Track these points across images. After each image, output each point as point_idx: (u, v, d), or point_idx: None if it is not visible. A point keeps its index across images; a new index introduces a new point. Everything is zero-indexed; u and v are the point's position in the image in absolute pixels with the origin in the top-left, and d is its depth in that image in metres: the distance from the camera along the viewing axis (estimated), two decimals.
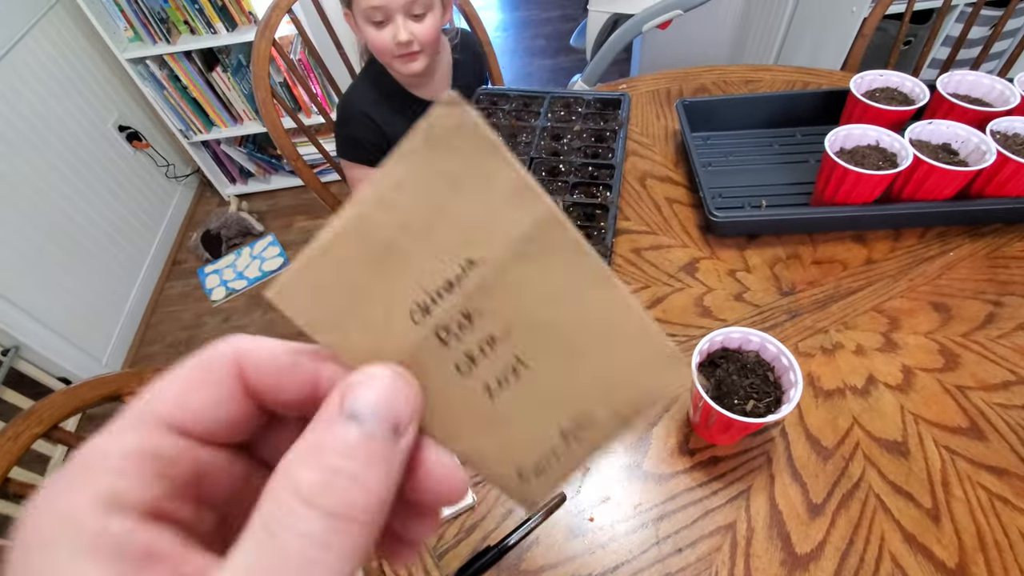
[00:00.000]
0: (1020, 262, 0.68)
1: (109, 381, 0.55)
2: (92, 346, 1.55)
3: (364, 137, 0.95)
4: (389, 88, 0.96)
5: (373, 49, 0.89)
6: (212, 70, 1.70)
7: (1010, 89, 0.73)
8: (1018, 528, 0.49)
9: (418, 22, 0.85)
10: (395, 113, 0.96)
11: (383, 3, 0.81)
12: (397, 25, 0.83)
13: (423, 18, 0.85)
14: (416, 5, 0.83)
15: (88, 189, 1.61)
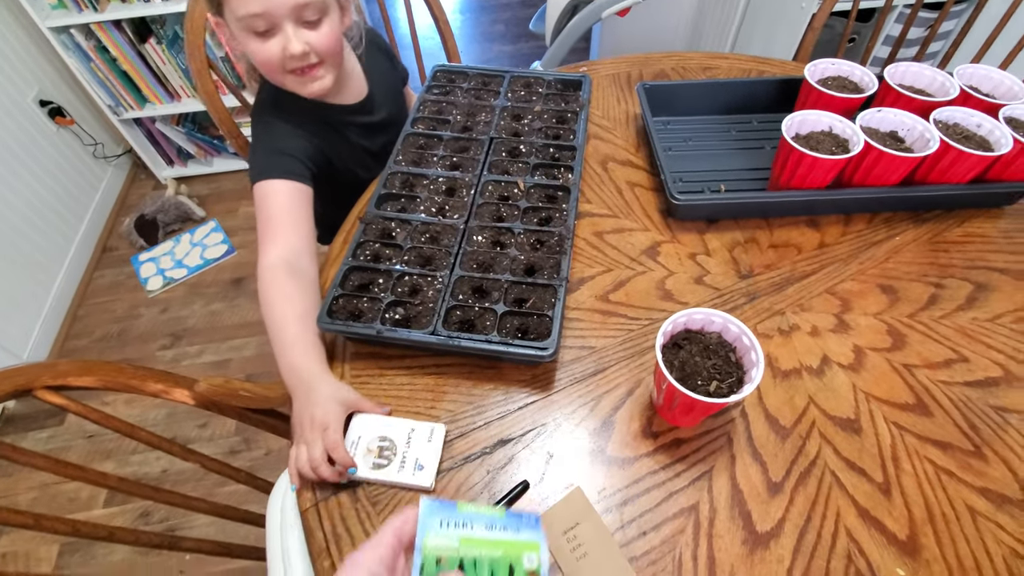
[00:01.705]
0: (959, 246, 0.71)
1: (18, 373, 0.49)
2: (10, 340, 1.42)
3: (293, 154, 0.73)
4: (298, 101, 0.75)
5: (261, 67, 0.70)
6: (145, 42, 1.57)
7: (950, 81, 0.76)
8: (963, 499, 0.51)
9: (313, 29, 0.67)
10: (321, 126, 0.79)
11: (264, 8, 0.62)
12: (287, 35, 0.65)
13: (318, 24, 0.67)
14: (308, 10, 0.65)
15: (4, 168, 1.46)
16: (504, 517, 0.35)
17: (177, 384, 0.62)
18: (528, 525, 0.36)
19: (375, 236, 0.66)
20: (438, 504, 0.35)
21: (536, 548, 0.34)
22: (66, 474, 0.52)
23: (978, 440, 0.55)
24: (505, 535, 0.34)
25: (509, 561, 0.34)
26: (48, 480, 1.32)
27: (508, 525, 0.35)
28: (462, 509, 0.35)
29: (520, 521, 0.36)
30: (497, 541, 0.34)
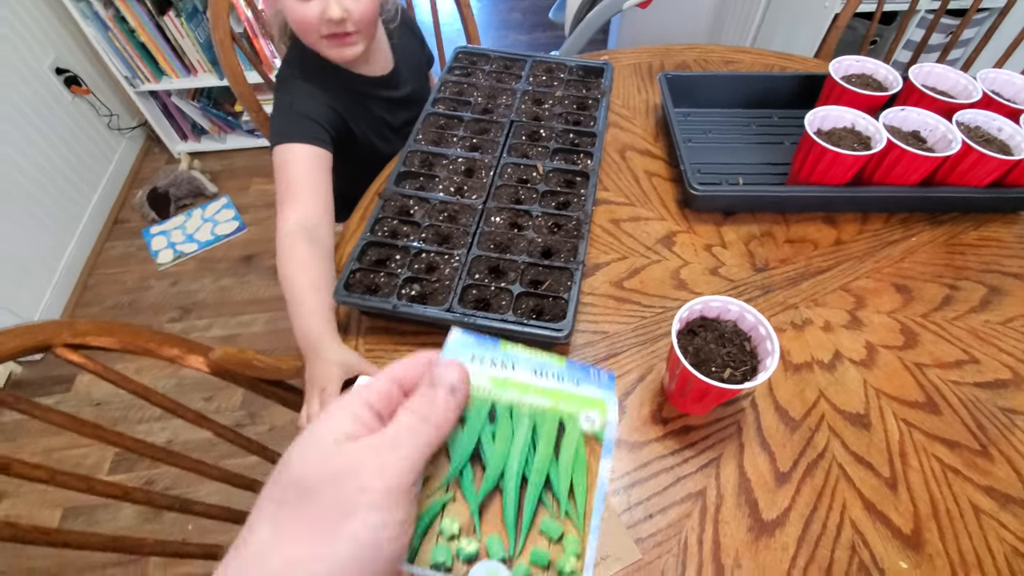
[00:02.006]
0: (975, 249, 0.71)
1: (38, 329, 0.50)
2: (21, 306, 1.43)
3: (313, 116, 0.74)
4: (326, 65, 0.77)
5: (296, 26, 0.72)
6: (164, 14, 1.57)
7: (973, 84, 0.76)
8: (967, 497, 0.51)
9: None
10: (345, 94, 0.80)
11: None
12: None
13: None
14: None
15: (19, 134, 1.47)
16: (564, 366, 0.27)
17: (192, 350, 0.62)
18: (596, 381, 0.27)
19: (393, 213, 0.66)
20: (474, 337, 0.26)
21: (601, 407, 0.26)
22: (82, 432, 0.53)
23: (985, 440, 0.55)
24: (560, 385, 0.26)
25: (559, 417, 0.25)
26: (53, 446, 1.34)
27: (567, 376, 0.26)
28: (506, 348, 0.27)
29: (585, 374, 0.27)
30: (547, 390, 0.25)
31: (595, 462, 0.25)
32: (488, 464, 0.25)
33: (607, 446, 0.25)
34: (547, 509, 0.25)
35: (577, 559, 0.24)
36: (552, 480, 0.25)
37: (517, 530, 0.24)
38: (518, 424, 0.25)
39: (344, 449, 0.22)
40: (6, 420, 1.37)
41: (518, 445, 0.25)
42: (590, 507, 0.25)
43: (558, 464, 0.25)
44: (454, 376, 0.24)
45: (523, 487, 0.25)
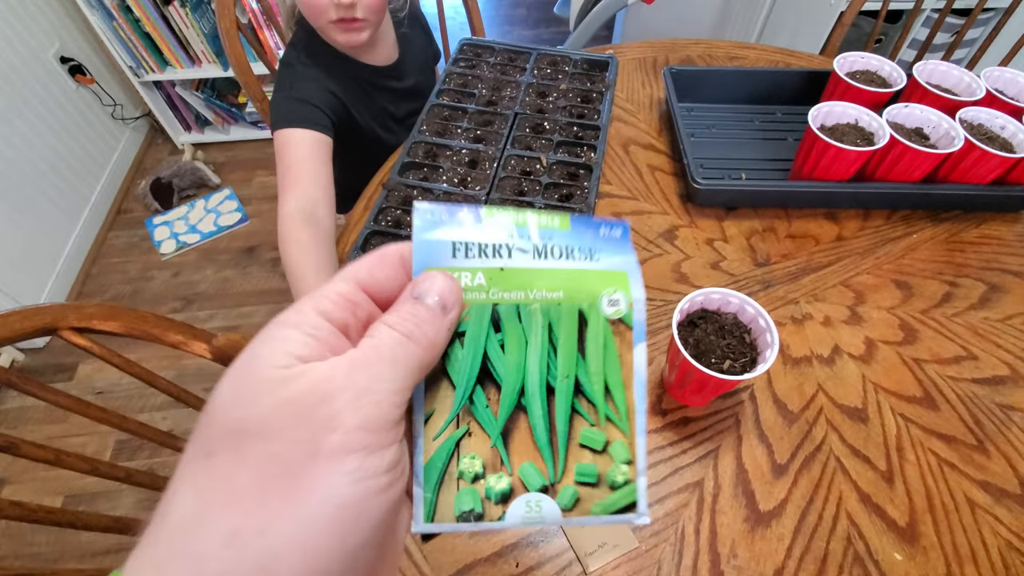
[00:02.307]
0: (975, 247, 0.71)
1: (43, 312, 0.50)
2: (23, 294, 1.43)
3: (314, 102, 0.75)
4: (331, 52, 0.79)
5: (305, 9, 0.72)
6: (169, 3, 1.57)
7: (977, 82, 0.76)
8: (963, 491, 0.52)
9: None
10: (348, 81, 0.81)
11: None
12: None
13: None
14: None
15: (22, 122, 1.47)
16: (568, 231, 0.21)
17: (196, 337, 0.63)
18: (610, 243, 0.22)
19: (397, 203, 0.66)
20: (446, 210, 0.21)
21: (623, 281, 0.21)
22: (89, 414, 0.54)
23: (981, 435, 0.55)
24: (570, 263, 0.21)
25: (576, 306, 0.21)
26: (54, 434, 1.35)
27: (576, 247, 0.21)
28: (491, 214, 0.21)
29: (595, 235, 0.22)
30: (556, 272, 0.21)
31: (627, 351, 0.21)
32: (503, 380, 0.21)
33: (638, 330, 0.21)
34: (584, 418, 0.21)
35: (628, 466, 0.21)
36: (583, 383, 0.21)
37: (553, 450, 0.21)
38: (530, 326, 0.21)
39: (298, 374, 0.16)
40: (9, 407, 1.38)
41: (535, 351, 0.21)
42: (631, 405, 0.21)
43: (586, 363, 0.21)
44: (442, 288, 0.19)
45: (550, 399, 0.21)
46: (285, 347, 0.17)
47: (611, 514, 0.21)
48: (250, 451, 0.15)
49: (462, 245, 0.20)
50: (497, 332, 0.21)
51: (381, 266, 0.20)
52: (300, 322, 0.17)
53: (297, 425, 0.15)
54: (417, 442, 0.20)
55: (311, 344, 0.17)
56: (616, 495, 0.21)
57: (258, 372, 0.16)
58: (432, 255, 0.20)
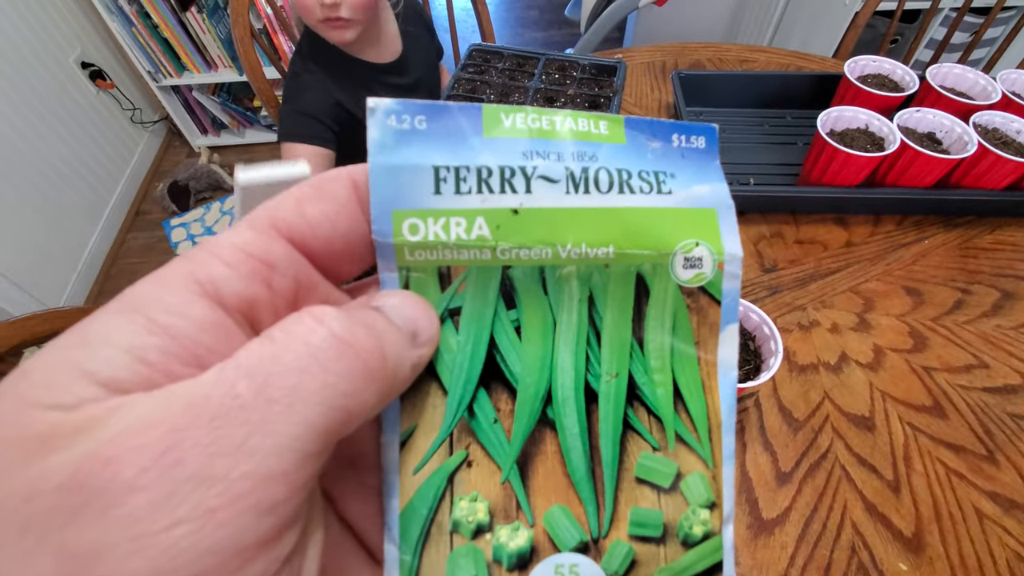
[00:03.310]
0: (989, 253, 0.70)
1: (64, 315, 0.52)
2: (45, 294, 1.47)
3: (320, 119, 0.81)
4: (334, 52, 0.84)
5: (298, 10, 0.78)
6: (187, 10, 1.60)
7: (992, 85, 0.75)
8: (971, 502, 0.51)
9: None
10: (351, 81, 0.85)
11: None
12: None
13: None
14: None
15: (44, 127, 1.51)
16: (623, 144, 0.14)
17: None
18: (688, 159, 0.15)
19: None
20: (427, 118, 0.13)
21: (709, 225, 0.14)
22: None
23: (992, 445, 0.55)
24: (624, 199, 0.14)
25: (634, 268, 0.14)
26: None
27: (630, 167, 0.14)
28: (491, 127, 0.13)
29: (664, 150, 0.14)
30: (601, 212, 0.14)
31: (711, 336, 0.14)
32: (519, 382, 0.14)
33: (729, 304, 0.14)
34: (643, 438, 0.14)
35: (710, 511, 0.14)
36: (640, 385, 0.14)
37: (597, 487, 0.14)
38: (560, 298, 0.14)
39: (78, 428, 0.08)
40: None
41: (568, 335, 0.14)
42: (716, 417, 0.14)
43: (645, 355, 0.14)
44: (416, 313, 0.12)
45: (591, 409, 0.14)
46: (85, 359, 0.09)
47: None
48: None
49: (451, 172, 0.13)
50: (510, 309, 0.14)
51: (318, 197, 0.12)
52: (145, 304, 0.10)
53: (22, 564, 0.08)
54: (389, 478, 0.13)
55: (147, 351, 0.09)
56: (692, 556, 0.14)
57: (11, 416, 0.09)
58: (402, 191, 0.13)
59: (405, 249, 0.13)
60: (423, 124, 0.13)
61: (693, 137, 0.15)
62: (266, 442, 0.09)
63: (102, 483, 0.08)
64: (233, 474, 0.08)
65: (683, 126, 0.15)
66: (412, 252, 0.13)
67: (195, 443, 0.08)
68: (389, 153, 0.13)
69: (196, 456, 0.08)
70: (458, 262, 0.13)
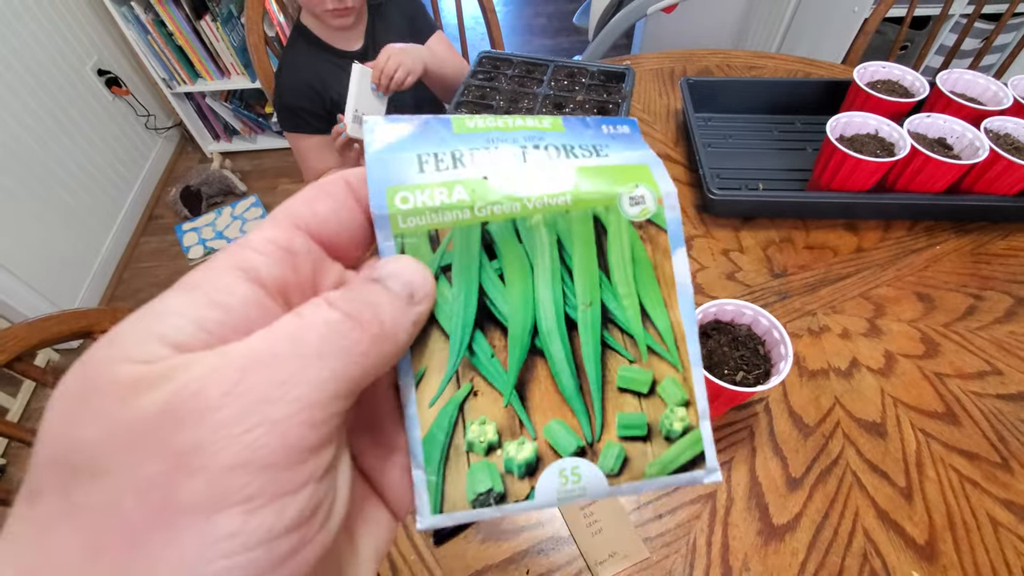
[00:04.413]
0: (1001, 259, 0.70)
1: (80, 316, 0.53)
2: (60, 297, 1.49)
3: (301, 106, 0.93)
4: (319, 47, 0.94)
5: (305, 2, 0.87)
6: (201, 18, 1.63)
7: (1004, 91, 0.74)
8: (985, 510, 0.51)
9: None
10: (332, 70, 0.94)
11: None
12: None
13: None
14: None
15: (62, 132, 1.54)
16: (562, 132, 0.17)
17: None
18: (617, 139, 0.18)
19: None
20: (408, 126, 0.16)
21: (644, 174, 0.17)
22: None
23: (1006, 453, 0.54)
24: (570, 161, 0.17)
25: (590, 211, 0.16)
26: None
27: (572, 143, 0.17)
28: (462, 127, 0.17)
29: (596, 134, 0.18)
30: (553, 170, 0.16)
31: (664, 260, 0.17)
32: (508, 320, 0.17)
33: (674, 230, 0.17)
34: (620, 354, 0.17)
35: (686, 408, 0.17)
36: (612, 310, 0.17)
37: (586, 400, 0.17)
38: (534, 245, 0.16)
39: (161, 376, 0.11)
40: (43, 406, 1.44)
41: (544, 276, 0.17)
42: (679, 327, 0.17)
43: (612, 283, 0.17)
44: (412, 274, 0.15)
45: (572, 335, 0.17)
46: (158, 327, 0.11)
47: (672, 474, 0.17)
48: (79, 496, 0.10)
49: (430, 155, 0.16)
50: (492, 260, 0.16)
51: (323, 197, 0.14)
52: (201, 285, 0.12)
53: (141, 461, 0.10)
54: (409, 412, 0.16)
55: (207, 322, 0.12)
56: (676, 448, 0.16)
57: (105, 369, 0.11)
58: (393, 172, 0.15)
59: (399, 218, 0.15)
60: (407, 131, 0.16)
61: (619, 127, 0.18)
62: (306, 379, 0.12)
63: (193, 406, 0.11)
64: (287, 398, 0.11)
65: (610, 120, 0.18)
66: (405, 219, 0.15)
67: (257, 379, 0.11)
68: (381, 149, 0.16)
69: (259, 387, 0.11)
70: (443, 224, 0.16)
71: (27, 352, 0.50)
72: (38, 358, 1.46)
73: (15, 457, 1.35)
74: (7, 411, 1.37)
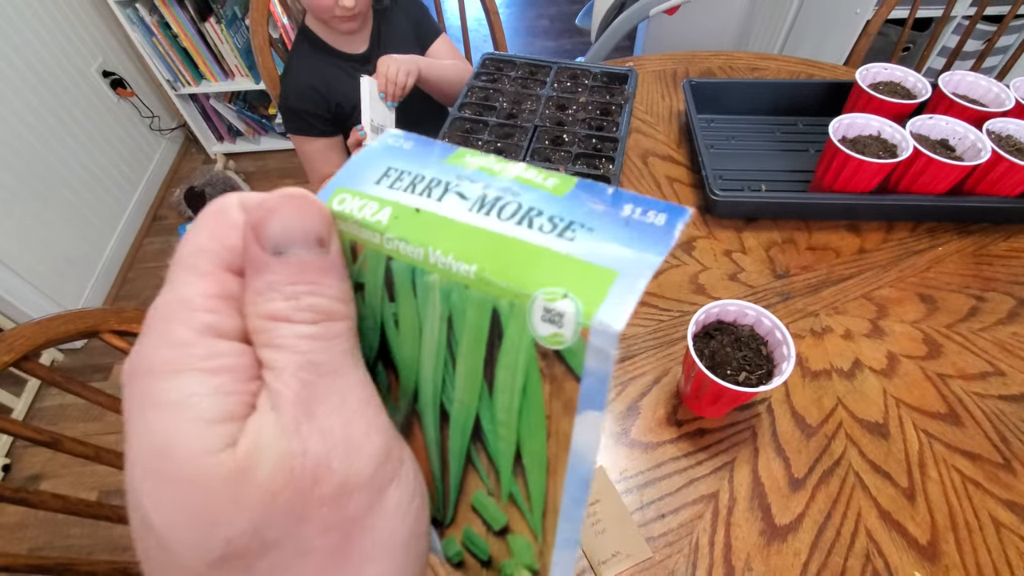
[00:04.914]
0: (1004, 260, 0.70)
1: (87, 316, 0.53)
2: (65, 297, 1.50)
3: (306, 109, 0.94)
4: (324, 50, 0.95)
5: (312, 5, 0.88)
6: (205, 20, 1.64)
7: (1005, 92, 0.75)
8: (988, 510, 0.51)
9: None
10: (336, 73, 0.95)
11: None
12: None
13: None
14: None
15: (67, 133, 1.55)
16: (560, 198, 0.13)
17: None
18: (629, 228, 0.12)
19: None
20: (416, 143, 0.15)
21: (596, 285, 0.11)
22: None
23: (1008, 453, 0.54)
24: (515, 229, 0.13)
25: (492, 299, 0.12)
26: (91, 431, 1.40)
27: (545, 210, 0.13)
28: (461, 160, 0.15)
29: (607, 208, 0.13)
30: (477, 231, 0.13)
31: (564, 415, 0.12)
32: (399, 369, 0.15)
33: (591, 387, 0.12)
34: (480, 478, 0.15)
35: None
36: (485, 431, 0.14)
37: (445, 488, 0.16)
38: (426, 305, 0.14)
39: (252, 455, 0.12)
40: (48, 405, 1.44)
41: (430, 347, 0.14)
42: (553, 500, 0.13)
43: (493, 401, 0.14)
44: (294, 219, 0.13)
45: (443, 424, 0.15)
46: (200, 416, 0.11)
47: None
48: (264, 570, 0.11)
49: (396, 172, 0.14)
50: (391, 301, 0.14)
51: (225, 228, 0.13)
52: (188, 361, 0.12)
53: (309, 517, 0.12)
54: None
55: (225, 388, 0.12)
56: None
57: (201, 478, 0.11)
58: (354, 176, 0.15)
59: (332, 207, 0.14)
60: (408, 146, 0.15)
61: (654, 213, 0.12)
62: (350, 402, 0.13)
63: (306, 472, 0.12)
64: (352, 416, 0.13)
65: (647, 202, 0.13)
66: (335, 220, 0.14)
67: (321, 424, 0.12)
68: (370, 154, 0.15)
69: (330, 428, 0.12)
70: (356, 239, 0.14)
71: (33, 351, 0.50)
72: (43, 357, 1.47)
73: (19, 456, 1.36)
74: (11, 410, 1.38)
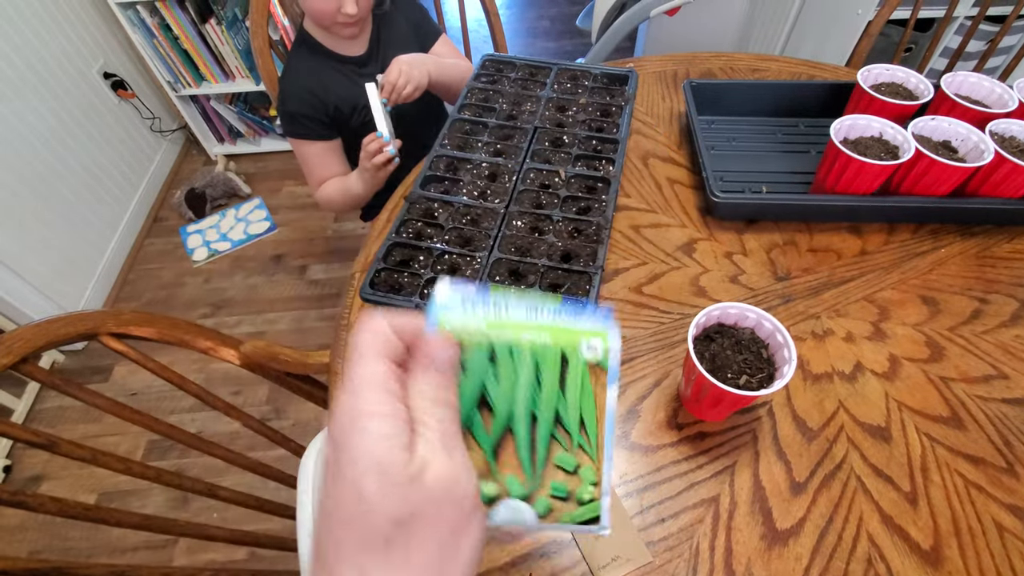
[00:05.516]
0: (1007, 262, 0.69)
1: (86, 318, 0.53)
2: (65, 298, 1.50)
3: (304, 113, 0.94)
4: (323, 53, 0.95)
5: (313, 12, 0.87)
6: (206, 22, 1.64)
7: (1009, 93, 0.74)
8: (991, 515, 0.50)
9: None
10: (334, 76, 0.96)
11: None
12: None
13: None
14: None
15: (68, 135, 1.55)
16: (560, 305, 0.25)
17: (224, 343, 0.65)
18: (593, 317, 0.25)
19: (418, 215, 0.68)
20: (460, 285, 0.25)
21: (602, 336, 0.25)
22: (123, 415, 0.56)
23: (1012, 457, 0.54)
24: (557, 321, 0.25)
25: (560, 350, 0.25)
26: (89, 433, 1.40)
27: (564, 313, 0.25)
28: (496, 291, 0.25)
29: (581, 312, 0.25)
30: (544, 326, 0.24)
31: (601, 391, 0.25)
32: (495, 407, 0.25)
33: (612, 373, 0.25)
34: (560, 444, 0.25)
35: (594, 487, 0.25)
36: (561, 415, 0.25)
37: (533, 467, 0.25)
38: (520, 363, 0.24)
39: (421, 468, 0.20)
40: (47, 407, 1.44)
41: (523, 384, 0.25)
42: (601, 436, 0.25)
43: (565, 399, 0.25)
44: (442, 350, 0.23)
45: (534, 425, 0.25)
46: (396, 443, 0.20)
47: (577, 524, 0.25)
48: (417, 536, 0.20)
49: (471, 302, 0.24)
50: (493, 364, 0.25)
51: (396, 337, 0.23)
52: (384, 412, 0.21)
53: (445, 508, 0.21)
54: None
55: (401, 428, 0.21)
56: (582, 509, 0.25)
57: (397, 476, 0.20)
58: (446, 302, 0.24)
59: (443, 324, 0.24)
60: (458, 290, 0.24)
61: (599, 311, 0.25)
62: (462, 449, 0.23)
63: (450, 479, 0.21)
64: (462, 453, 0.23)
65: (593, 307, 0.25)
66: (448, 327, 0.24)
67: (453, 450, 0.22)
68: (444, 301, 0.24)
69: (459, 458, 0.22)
70: (468, 340, 0.24)
71: (33, 354, 0.50)
72: (43, 359, 1.47)
73: (19, 457, 1.36)
74: (12, 411, 1.38)
